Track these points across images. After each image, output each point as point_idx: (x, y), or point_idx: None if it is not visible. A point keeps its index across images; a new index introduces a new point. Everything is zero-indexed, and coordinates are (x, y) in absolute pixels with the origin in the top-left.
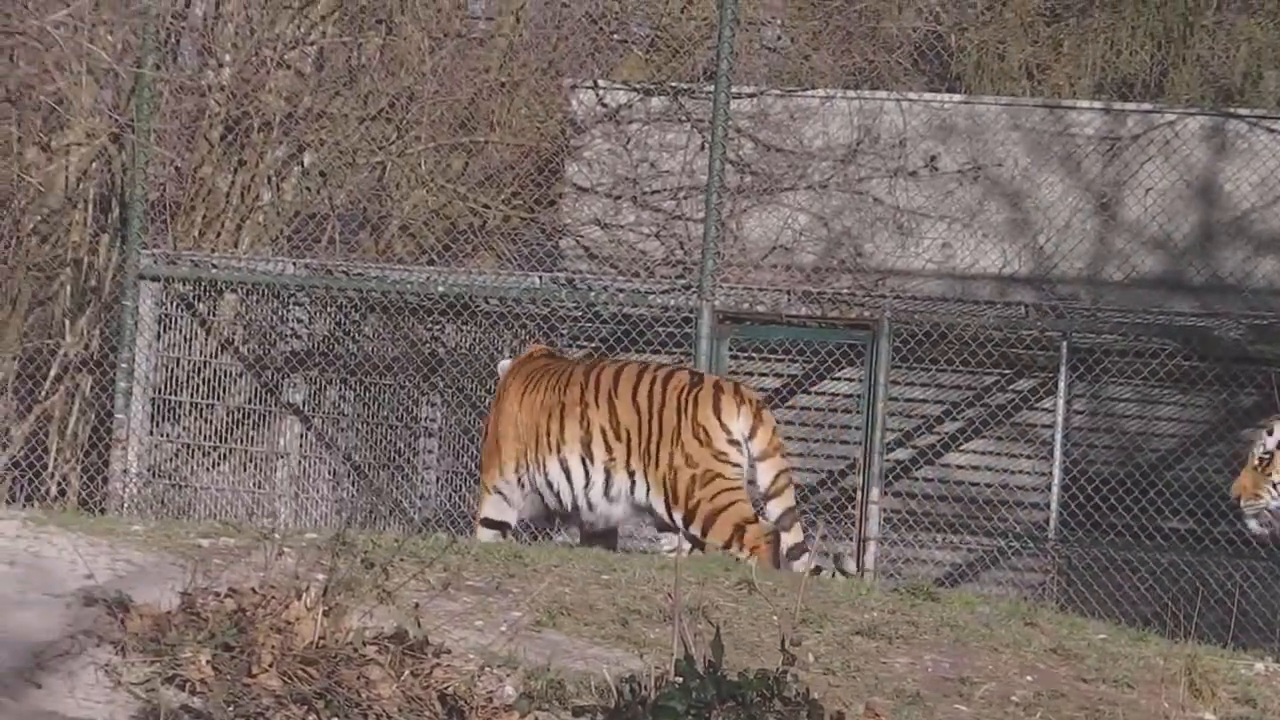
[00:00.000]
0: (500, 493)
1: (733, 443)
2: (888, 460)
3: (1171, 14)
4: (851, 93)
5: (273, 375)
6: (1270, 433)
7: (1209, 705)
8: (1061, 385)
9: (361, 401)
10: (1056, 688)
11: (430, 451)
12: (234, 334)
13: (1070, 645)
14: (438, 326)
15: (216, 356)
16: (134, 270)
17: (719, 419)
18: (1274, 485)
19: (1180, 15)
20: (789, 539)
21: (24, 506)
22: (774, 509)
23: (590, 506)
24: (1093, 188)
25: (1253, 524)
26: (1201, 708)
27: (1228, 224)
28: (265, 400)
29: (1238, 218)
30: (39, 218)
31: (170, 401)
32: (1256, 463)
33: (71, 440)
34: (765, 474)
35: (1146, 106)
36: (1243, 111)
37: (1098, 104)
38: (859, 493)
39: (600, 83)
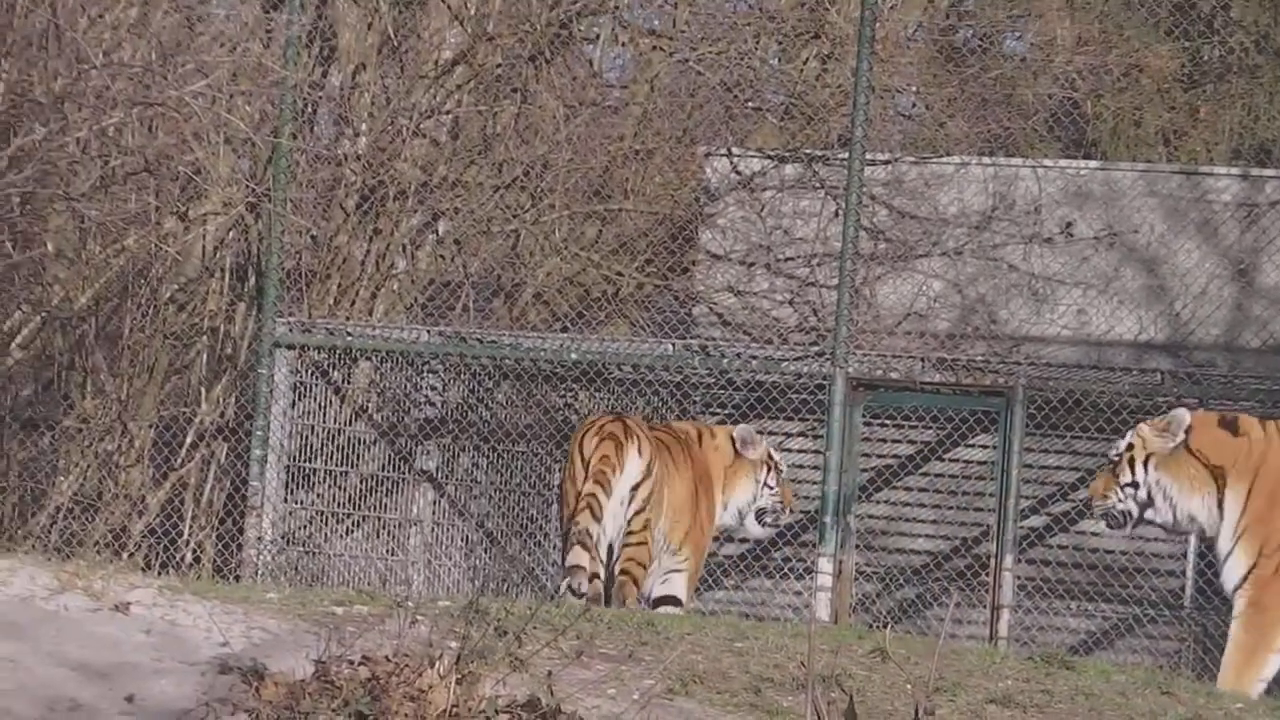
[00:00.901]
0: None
1: None
2: (1021, 527)
3: None
4: (986, 159)
5: (406, 442)
6: (1122, 436)
7: None
8: None
9: (494, 469)
10: None
11: None
12: (368, 401)
13: (1207, 715)
14: (571, 394)
15: (351, 424)
16: (269, 338)
17: None
18: (1121, 487)
19: None
20: None
21: (160, 574)
22: None
23: None
24: (1230, 254)
25: (1104, 523)
26: None
27: None
28: (399, 467)
29: None
30: (176, 286)
31: (304, 469)
32: (1110, 465)
33: (206, 508)
34: None
35: None
36: None
37: (1235, 170)
38: (992, 560)
39: (734, 150)
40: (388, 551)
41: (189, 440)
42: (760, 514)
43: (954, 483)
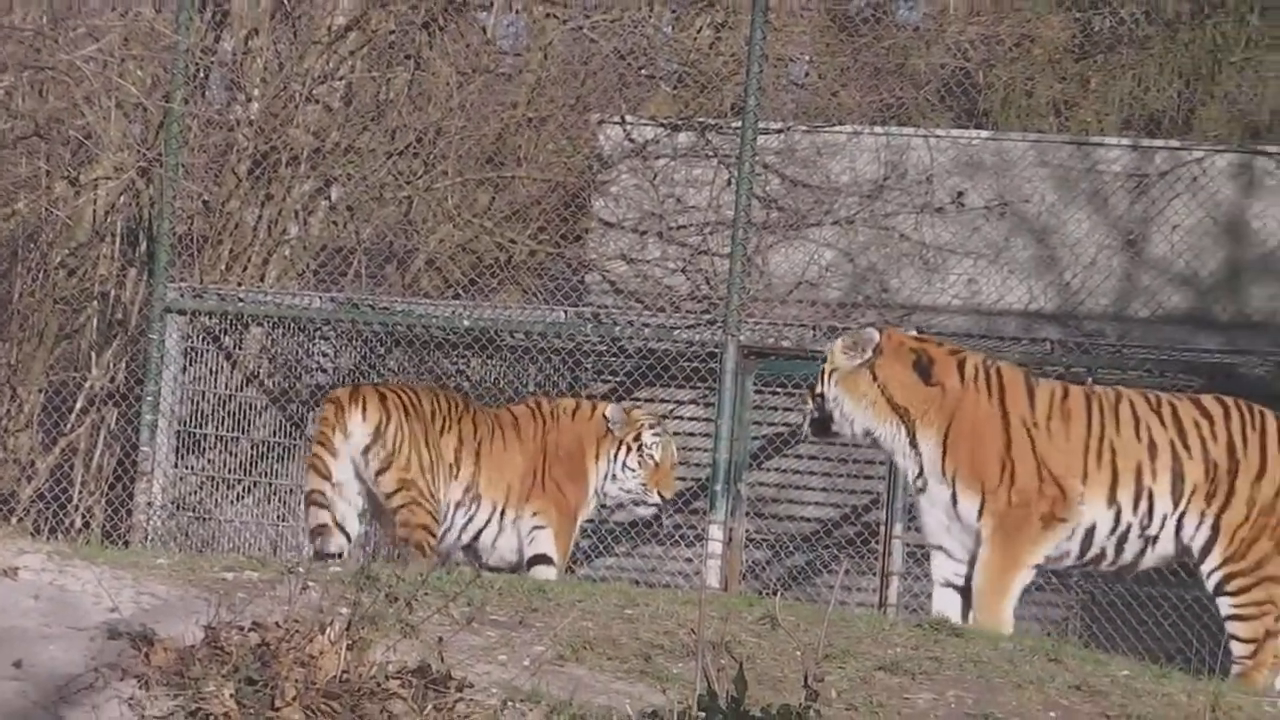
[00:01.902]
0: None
1: None
2: (911, 496)
3: (1199, 51)
4: (879, 129)
5: (298, 408)
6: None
7: None
8: None
9: None
10: None
11: None
12: (259, 367)
13: (1094, 682)
14: (463, 360)
15: (242, 390)
16: (160, 304)
17: None
18: (814, 397)
19: (1208, 52)
20: None
21: (49, 539)
22: None
23: None
24: (1119, 224)
25: (808, 430)
26: None
27: (1255, 261)
28: (290, 433)
29: (1265, 255)
30: (66, 251)
31: (195, 434)
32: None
33: (96, 473)
34: None
35: (1174, 143)
36: (1270, 149)
37: (1125, 141)
38: (882, 527)
39: (627, 118)
40: (279, 518)
41: (79, 405)
42: (622, 502)
43: (844, 451)
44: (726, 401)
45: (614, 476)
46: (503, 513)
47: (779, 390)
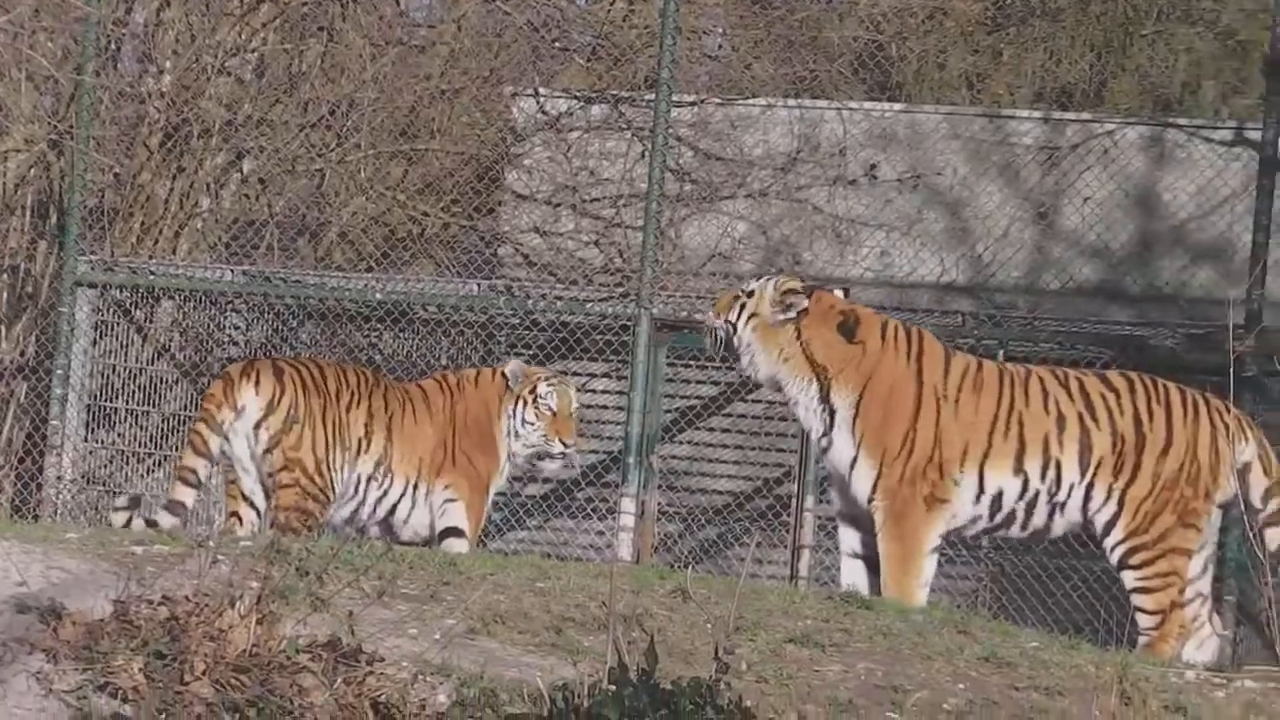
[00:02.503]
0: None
1: None
2: (822, 468)
3: (1111, 24)
4: (792, 101)
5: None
6: (756, 279)
7: (1140, 713)
8: None
9: None
10: (988, 696)
11: None
12: (171, 341)
13: (1002, 653)
14: (375, 333)
15: (153, 363)
16: (71, 276)
17: None
18: (727, 320)
19: (1120, 25)
20: None
21: None
22: None
23: None
24: (1031, 197)
25: (706, 340)
26: (1132, 715)
27: (1165, 233)
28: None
29: (1175, 227)
30: None
31: (106, 408)
32: (739, 295)
33: (5, 446)
34: None
35: (1085, 116)
36: (1181, 121)
37: (1037, 113)
38: (794, 500)
39: (541, 90)
40: None
41: None
42: (530, 458)
43: (756, 424)
44: (639, 375)
45: (516, 433)
46: (415, 487)
47: (692, 363)
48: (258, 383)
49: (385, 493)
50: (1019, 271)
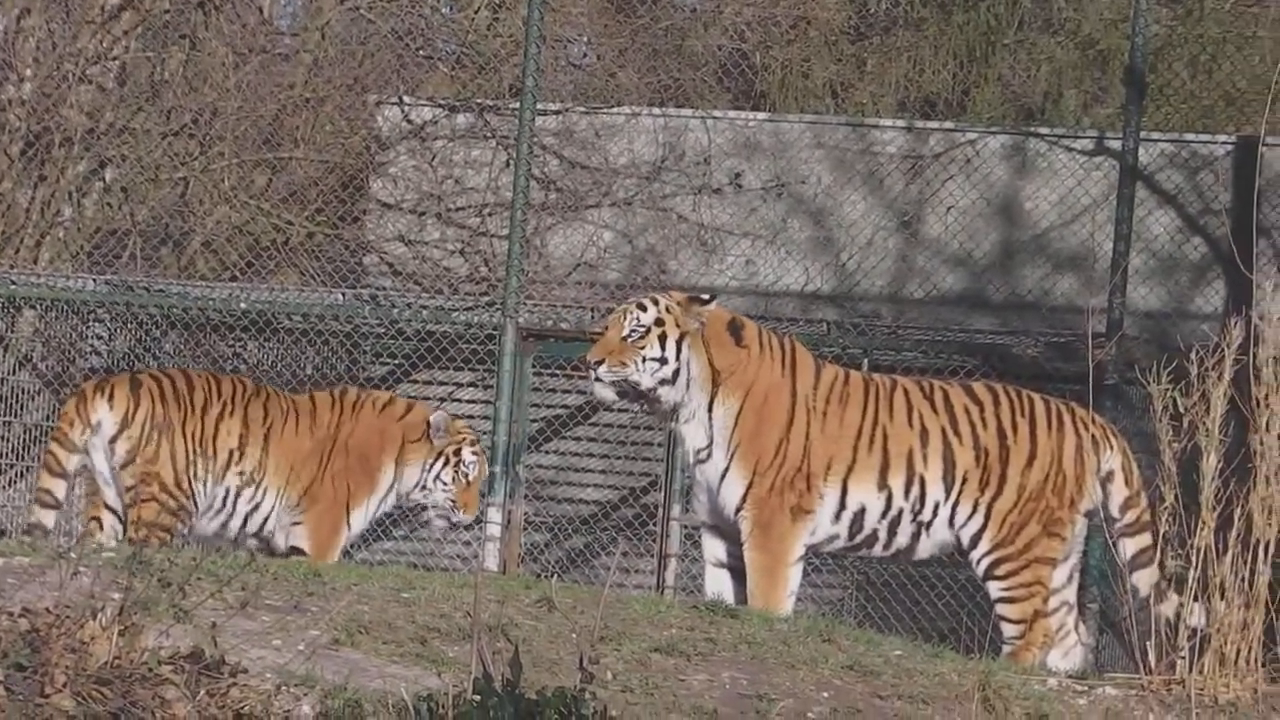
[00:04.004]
0: None
1: None
2: (688, 477)
3: (974, 33)
4: (657, 110)
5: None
6: (645, 309)
7: None
8: None
9: None
10: (852, 704)
11: None
12: (32, 351)
13: (867, 661)
14: (240, 343)
15: (14, 373)
16: None
17: None
18: (645, 360)
19: (982, 34)
20: None
21: None
22: None
23: None
24: (895, 206)
25: (604, 392)
26: None
27: (1027, 242)
28: None
29: (1037, 236)
30: None
31: None
32: (634, 333)
33: None
34: None
35: (948, 125)
36: (1043, 130)
37: (900, 122)
38: (660, 510)
39: (405, 99)
40: None
41: None
42: (423, 507)
43: (622, 433)
44: (505, 384)
45: (424, 486)
46: (283, 500)
47: (558, 372)
48: (111, 397)
49: (257, 505)
50: (883, 280)
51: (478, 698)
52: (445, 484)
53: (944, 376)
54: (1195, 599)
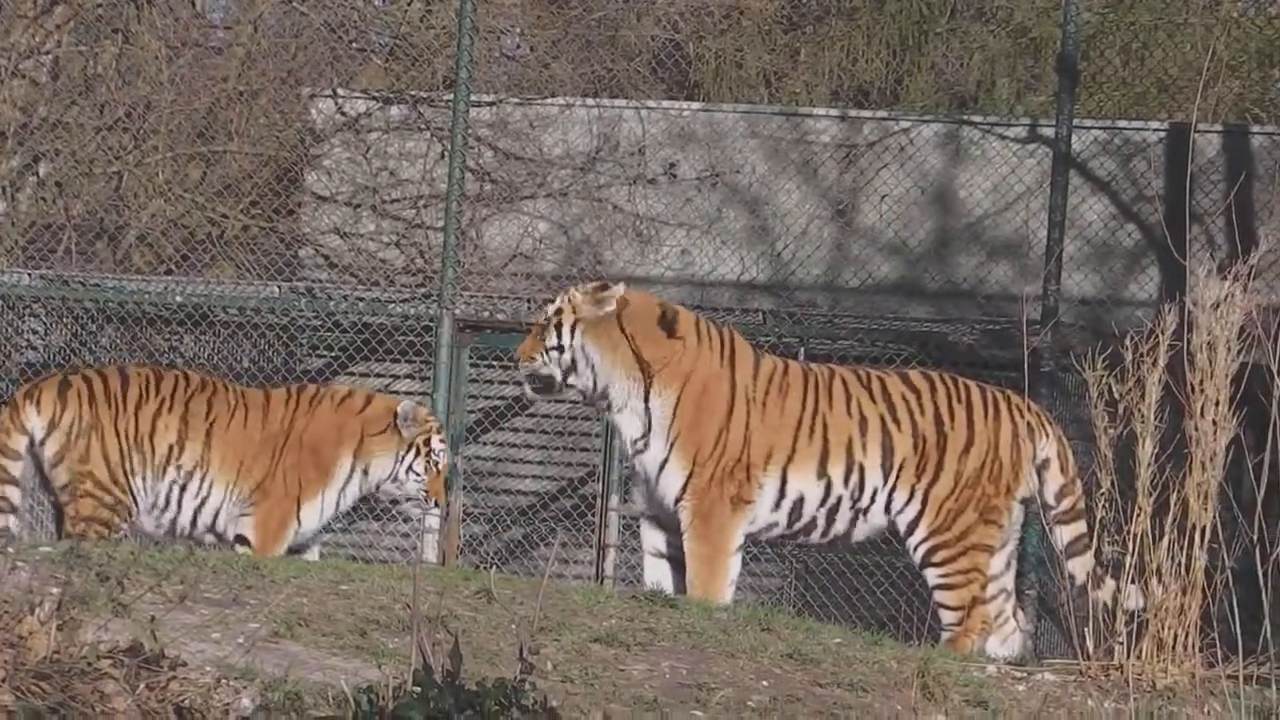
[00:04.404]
0: None
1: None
2: (627, 467)
3: (906, 22)
4: (591, 100)
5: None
6: (552, 302)
7: (941, 708)
8: None
9: None
10: (792, 692)
11: None
12: None
13: (806, 650)
14: (175, 337)
15: None
16: None
17: None
18: (547, 350)
19: (915, 23)
20: None
21: None
22: None
23: None
24: (830, 195)
25: (528, 387)
26: (934, 710)
27: (962, 230)
28: None
29: (971, 224)
30: None
31: None
32: (539, 328)
33: None
34: None
35: (882, 113)
36: (976, 118)
37: (834, 111)
38: (598, 500)
39: (339, 91)
40: None
41: None
42: (396, 499)
43: (560, 424)
44: (442, 375)
45: (396, 478)
46: (234, 494)
47: (495, 364)
48: (39, 402)
49: (204, 500)
50: (819, 269)
51: (418, 689)
52: (418, 474)
53: (880, 365)
54: (1131, 582)
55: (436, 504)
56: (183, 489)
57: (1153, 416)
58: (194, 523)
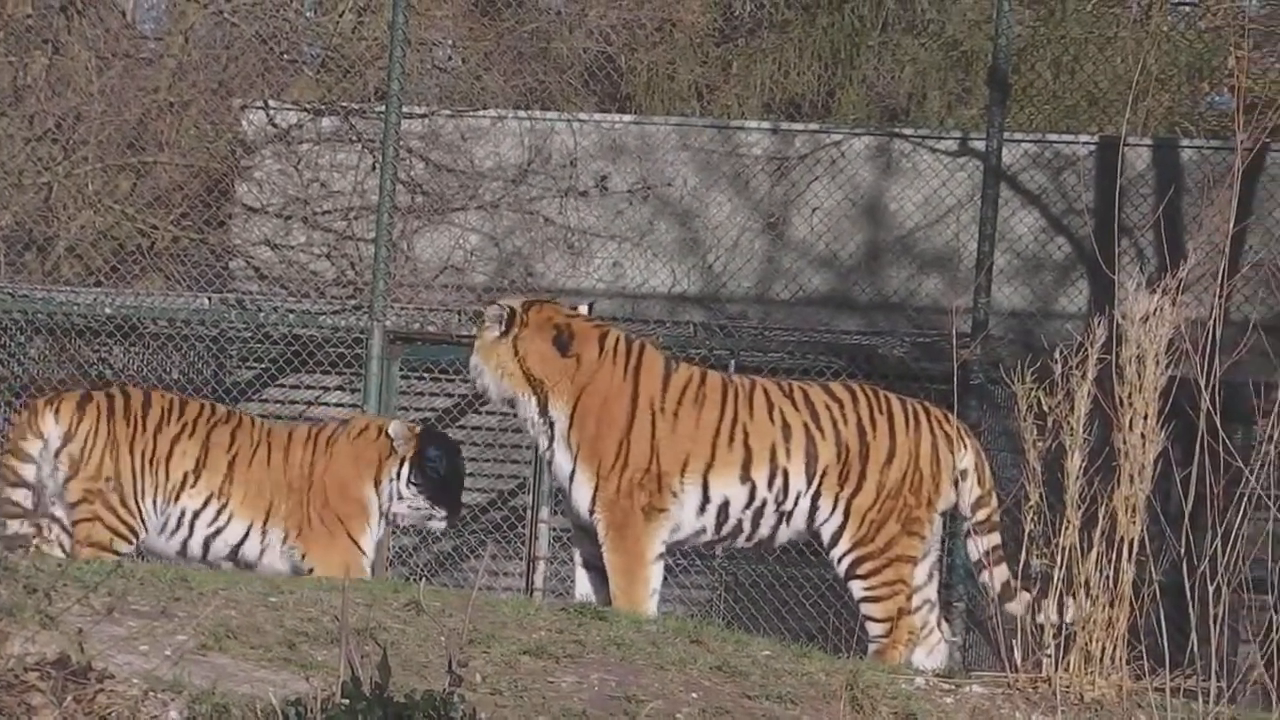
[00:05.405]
0: None
1: None
2: (554, 478)
3: (838, 35)
4: (522, 113)
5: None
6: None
7: (870, 719)
8: None
9: None
10: (721, 705)
11: None
12: None
13: (735, 662)
14: (105, 348)
15: None
16: None
17: None
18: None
19: (847, 36)
20: None
21: None
22: None
23: None
24: (761, 207)
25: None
26: None
27: (893, 243)
28: None
29: (902, 237)
30: None
31: None
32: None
33: None
34: None
35: (814, 126)
36: (907, 131)
37: (766, 124)
38: (529, 512)
39: (271, 103)
40: None
41: None
42: (397, 515)
43: (490, 436)
44: (372, 387)
45: (399, 495)
46: (263, 532)
47: (425, 375)
48: (58, 410)
49: (219, 530)
50: (750, 282)
51: (346, 701)
52: (419, 485)
53: (810, 377)
54: (1046, 595)
55: (448, 513)
56: (195, 515)
57: (1081, 429)
58: (206, 549)
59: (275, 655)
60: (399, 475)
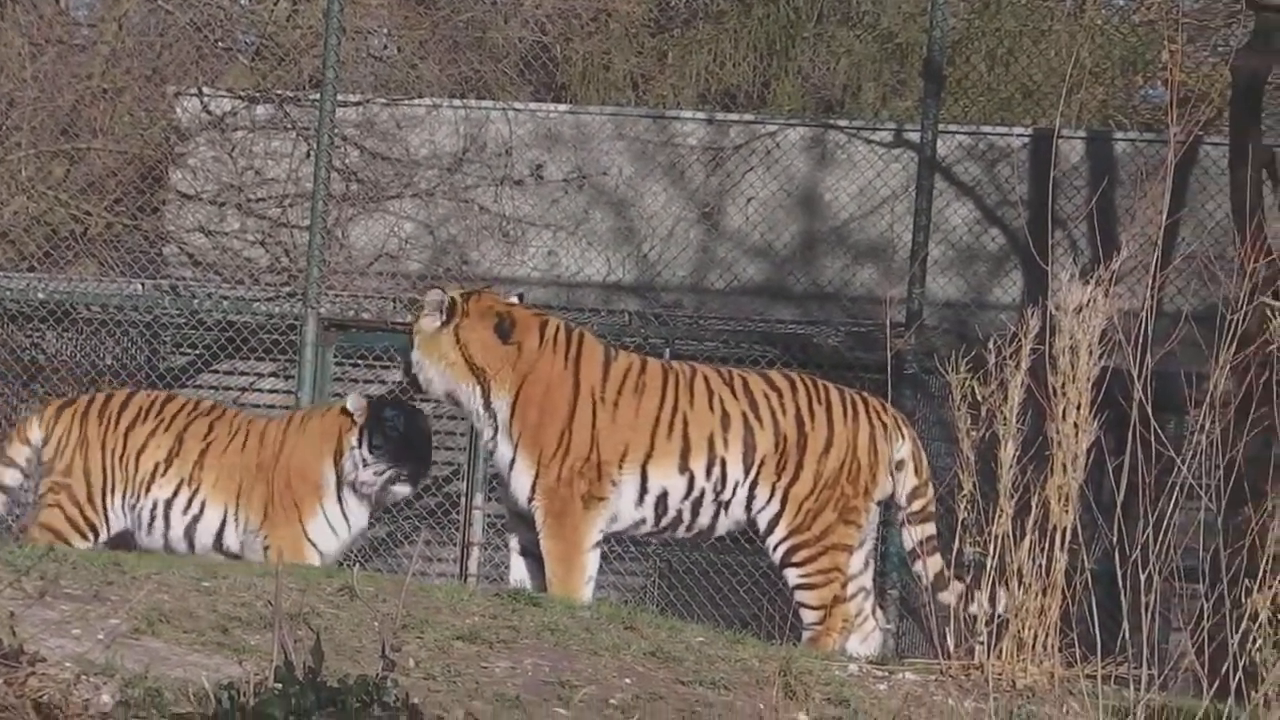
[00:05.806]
0: None
1: None
2: (492, 466)
3: (774, 26)
4: (458, 101)
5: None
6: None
7: (803, 706)
8: None
9: None
10: (655, 690)
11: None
12: None
13: (669, 648)
14: (38, 334)
15: None
16: None
17: None
18: (410, 359)
19: (782, 27)
20: None
21: None
22: None
23: None
24: (696, 197)
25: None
26: (795, 709)
27: (828, 233)
28: None
29: (837, 227)
30: None
31: None
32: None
33: None
34: None
35: (749, 117)
36: (842, 122)
37: (701, 114)
38: (463, 498)
39: (205, 90)
40: None
41: None
42: (363, 484)
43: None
44: (307, 374)
45: (364, 462)
46: (236, 519)
47: (360, 362)
48: (42, 415)
49: (195, 518)
50: (685, 271)
51: (279, 686)
52: (378, 446)
53: (745, 366)
54: (979, 585)
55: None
56: (166, 505)
57: (1015, 419)
58: (189, 538)
59: (208, 640)
60: (360, 443)
